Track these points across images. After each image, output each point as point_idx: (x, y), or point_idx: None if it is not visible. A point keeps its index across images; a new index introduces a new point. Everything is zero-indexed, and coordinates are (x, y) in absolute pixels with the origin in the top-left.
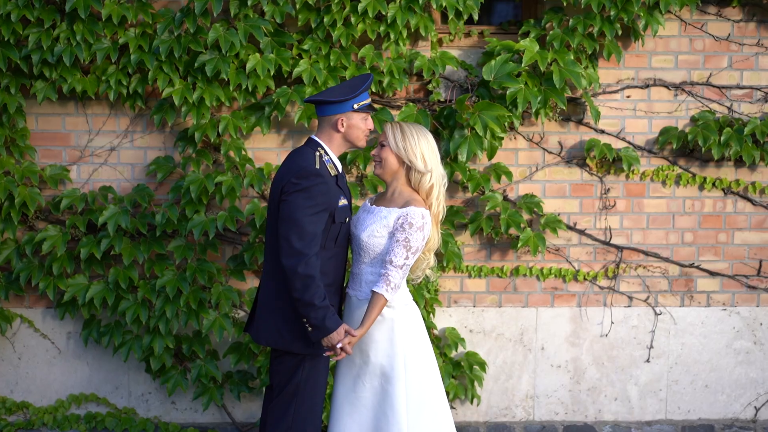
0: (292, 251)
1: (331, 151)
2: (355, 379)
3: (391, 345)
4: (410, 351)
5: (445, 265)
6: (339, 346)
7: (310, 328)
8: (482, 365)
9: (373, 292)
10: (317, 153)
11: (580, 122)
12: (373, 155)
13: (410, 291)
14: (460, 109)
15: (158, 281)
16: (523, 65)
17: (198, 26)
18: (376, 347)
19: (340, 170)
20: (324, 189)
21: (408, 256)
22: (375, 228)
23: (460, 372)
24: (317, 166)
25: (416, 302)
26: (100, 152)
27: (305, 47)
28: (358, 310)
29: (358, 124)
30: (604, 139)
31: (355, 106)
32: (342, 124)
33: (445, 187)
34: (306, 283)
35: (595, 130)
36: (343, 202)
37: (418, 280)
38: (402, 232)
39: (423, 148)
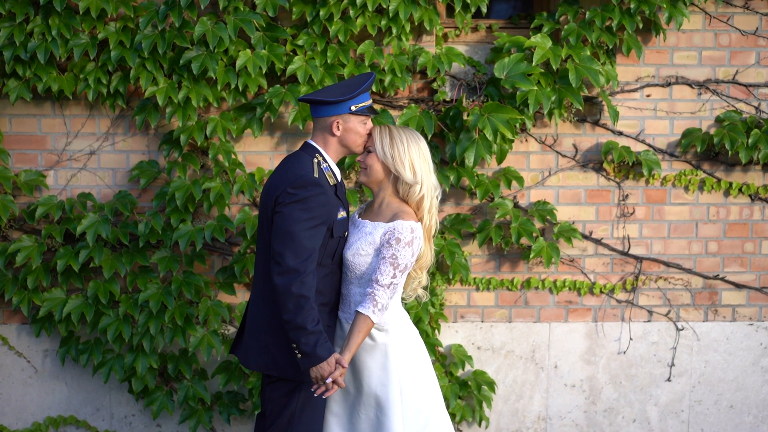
0: (286, 268)
1: (329, 158)
2: (351, 410)
3: (385, 372)
4: (406, 378)
5: (451, 277)
6: (329, 380)
7: (299, 355)
8: (491, 385)
9: (357, 313)
10: (315, 160)
11: (596, 123)
12: (359, 161)
13: (413, 306)
14: (463, 110)
15: (141, 295)
16: (533, 64)
17: (183, 20)
18: (370, 375)
19: (339, 179)
20: (323, 200)
21: (395, 274)
22: (360, 245)
23: (467, 392)
24: (316, 175)
25: (420, 318)
26: (78, 156)
27: (300, 43)
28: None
29: (356, 128)
30: (622, 142)
31: (353, 108)
32: (338, 127)
33: (438, 198)
34: (299, 304)
35: (613, 131)
36: (342, 214)
37: (409, 300)
38: (389, 248)
39: (413, 156)
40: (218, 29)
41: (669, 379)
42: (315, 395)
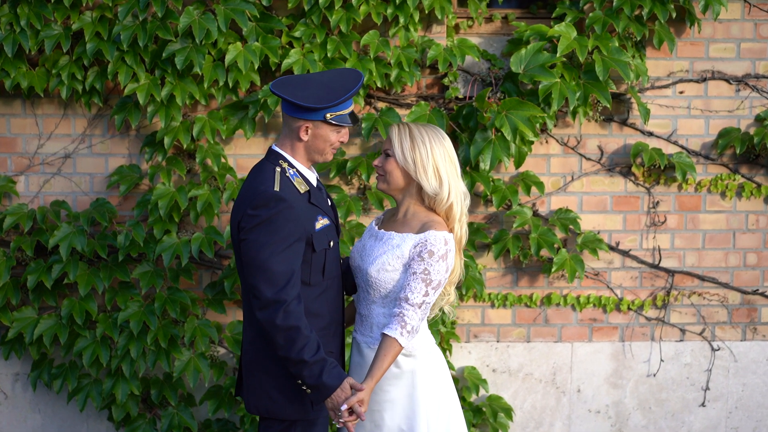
0: (265, 302)
1: (297, 162)
2: None
3: (412, 404)
4: (434, 410)
5: (463, 293)
6: (344, 408)
7: (308, 390)
8: (508, 411)
9: (384, 336)
10: (278, 168)
11: (624, 123)
12: (376, 166)
13: None
14: (481, 107)
15: (121, 315)
16: (558, 55)
17: (167, 9)
18: (393, 407)
19: (315, 182)
20: (290, 215)
21: (428, 291)
22: (386, 260)
23: (482, 419)
24: (277, 188)
25: None
26: (52, 160)
27: (297, 34)
28: (370, 358)
29: (327, 136)
30: (652, 143)
31: (329, 116)
32: (306, 132)
33: (467, 205)
34: (290, 337)
35: (642, 132)
36: (322, 222)
37: (431, 317)
38: (420, 262)
39: (437, 159)
40: (206, 20)
41: (703, 404)
42: (338, 426)
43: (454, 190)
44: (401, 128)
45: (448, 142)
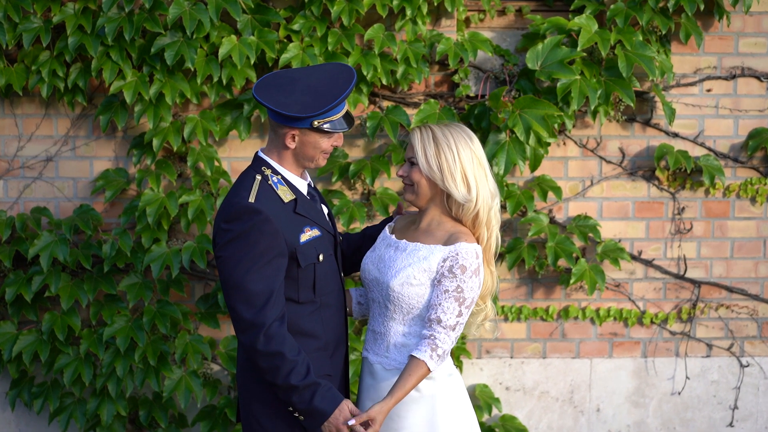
0: (243, 325)
1: (284, 170)
2: None
3: (432, 429)
4: None
5: None
6: (351, 422)
7: (301, 417)
8: None
9: (412, 358)
10: (258, 177)
11: (647, 123)
12: (401, 176)
13: None
14: (496, 107)
15: (106, 330)
16: (579, 48)
17: (155, 0)
18: None
19: (305, 190)
20: (267, 228)
21: (461, 311)
22: (411, 273)
23: None
24: (251, 199)
25: None
26: (32, 164)
27: (296, 27)
28: (385, 382)
29: (317, 143)
30: (678, 145)
31: (316, 124)
32: (293, 140)
33: (498, 203)
34: (273, 364)
35: (667, 133)
36: (309, 233)
37: (470, 336)
38: (452, 278)
39: (465, 163)
40: (197, 11)
41: (731, 425)
42: None
43: (482, 195)
44: (423, 132)
45: (475, 141)
